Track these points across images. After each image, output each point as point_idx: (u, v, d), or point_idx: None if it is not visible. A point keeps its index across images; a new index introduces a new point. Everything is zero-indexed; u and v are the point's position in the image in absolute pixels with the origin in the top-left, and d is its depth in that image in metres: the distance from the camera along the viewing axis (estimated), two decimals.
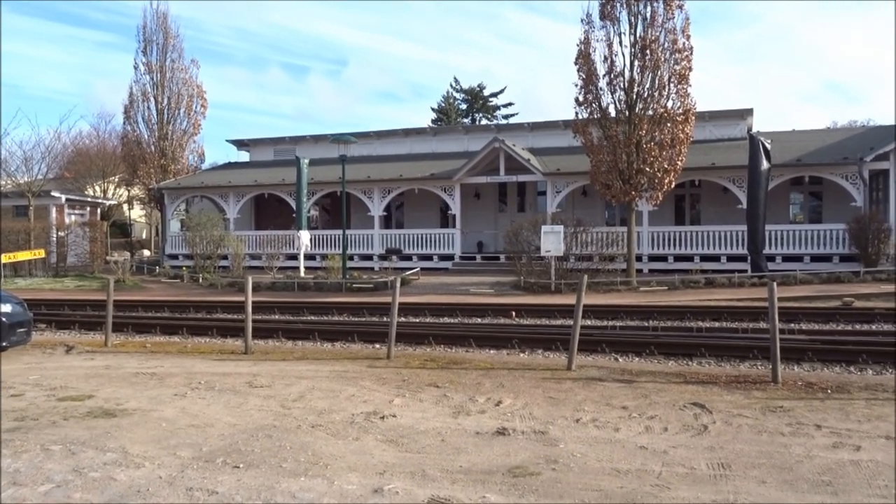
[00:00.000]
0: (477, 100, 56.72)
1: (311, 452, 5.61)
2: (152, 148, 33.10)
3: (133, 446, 5.78)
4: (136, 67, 33.36)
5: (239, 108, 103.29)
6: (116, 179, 43.09)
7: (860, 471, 5.04)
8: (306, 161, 26.34)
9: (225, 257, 27.15)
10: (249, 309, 11.02)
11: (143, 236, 46.65)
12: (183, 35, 34.27)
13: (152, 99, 33.23)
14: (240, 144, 36.07)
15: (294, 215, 27.14)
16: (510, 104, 57.19)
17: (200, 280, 24.62)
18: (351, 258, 26.52)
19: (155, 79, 33.23)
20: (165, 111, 33.28)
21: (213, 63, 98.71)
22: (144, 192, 35.81)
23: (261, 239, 29.26)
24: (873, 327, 13.03)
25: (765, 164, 21.06)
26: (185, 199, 32.99)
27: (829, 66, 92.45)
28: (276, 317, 16.12)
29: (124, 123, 33.97)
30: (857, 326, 13.17)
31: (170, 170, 33.08)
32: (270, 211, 32.13)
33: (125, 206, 45.56)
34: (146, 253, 39.47)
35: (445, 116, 55.04)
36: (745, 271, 21.04)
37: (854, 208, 22.58)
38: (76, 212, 34.72)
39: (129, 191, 42.67)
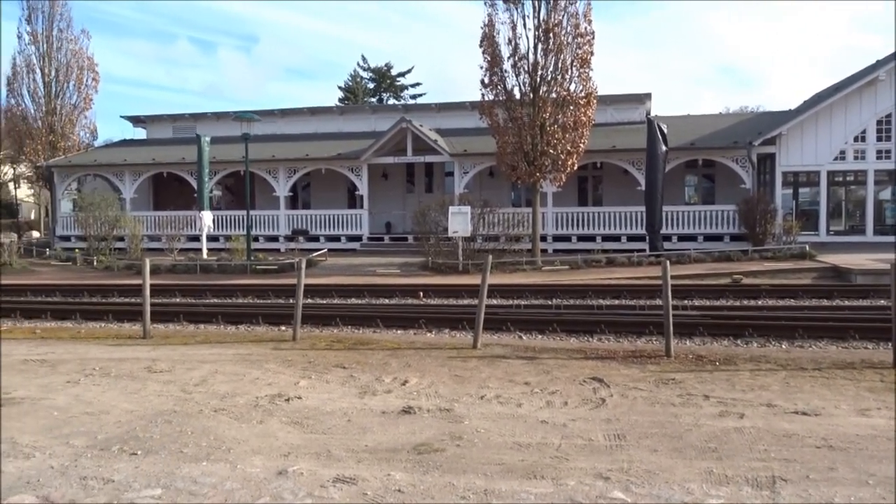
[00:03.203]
0: (384, 79, 56.27)
1: (213, 437, 5.50)
2: (39, 123, 31.26)
3: (22, 436, 5.51)
4: (19, 37, 31.39)
5: (144, 84, 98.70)
6: (1, 156, 40.48)
7: (743, 437, 5.38)
8: (207, 139, 25.48)
9: (121, 239, 26.04)
10: (147, 291, 10.63)
11: (32, 217, 44.11)
12: (73, 4, 32.51)
13: (38, 71, 31.33)
14: (136, 121, 34.50)
15: (195, 195, 26.25)
16: (418, 84, 57.15)
17: (95, 263, 23.51)
18: (256, 239, 25.94)
19: (41, 49, 31.31)
20: (53, 84, 31.46)
21: (113, 35, 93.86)
22: (32, 171, 33.83)
23: (160, 220, 28.14)
24: (759, 303, 13.84)
25: (662, 148, 21.90)
26: (76, 178, 31.29)
27: (723, 53, 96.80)
28: (177, 300, 15.60)
29: (7, 97, 31.97)
30: (745, 302, 13.96)
31: (59, 147, 31.33)
32: (170, 191, 30.95)
33: (11, 185, 42.90)
34: (35, 234, 37.35)
35: (352, 96, 54.36)
36: (644, 251, 21.89)
37: (743, 190, 23.86)
38: None
39: (14, 169, 40.21)
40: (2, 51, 74.98)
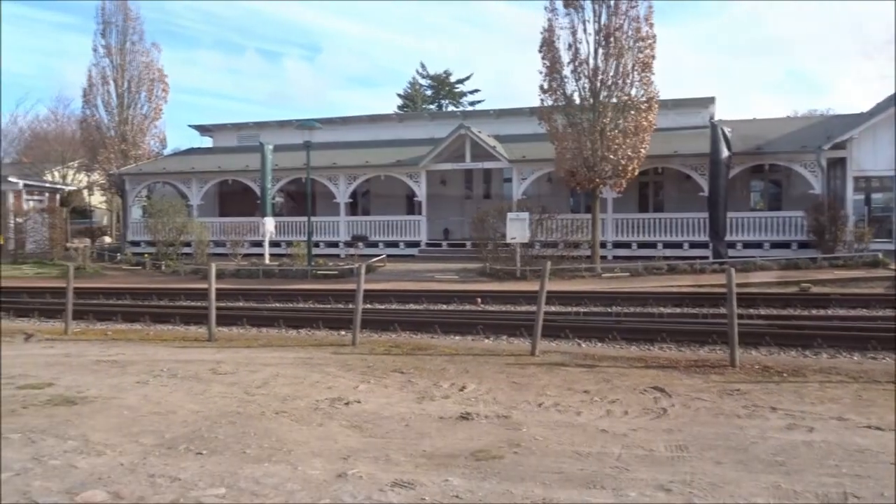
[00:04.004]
0: (443, 86, 56.52)
1: (274, 438, 5.61)
2: (112, 133, 32.43)
3: (94, 434, 5.72)
4: (94, 50, 32.61)
5: (211, 94, 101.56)
6: (76, 165, 42.18)
7: (812, 451, 5.20)
8: (270, 147, 26.04)
9: (188, 244, 26.80)
10: (213, 295, 10.92)
11: (104, 223, 45.77)
12: (144, 17, 33.60)
13: (112, 82, 32.51)
14: (202, 130, 35.54)
15: (258, 202, 26.84)
16: (476, 91, 57.14)
17: (163, 267, 24.29)
18: (317, 245, 26.35)
19: (114, 62, 32.51)
20: (125, 95, 32.61)
21: (182, 47, 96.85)
22: (105, 178, 35.11)
23: (225, 226, 28.90)
24: (829, 312, 13.35)
25: (725, 152, 21.40)
26: (146, 185, 32.39)
27: (791, 55, 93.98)
28: (241, 304, 15.98)
29: (83, 107, 33.24)
30: (814, 311, 13.48)
31: (131, 155, 32.47)
32: (234, 197, 31.73)
33: (85, 192, 44.63)
34: (107, 240, 38.75)
35: (411, 103, 54.77)
36: (707, 258, 21.39)
37: (812, 196, 23.06)
38: (34, 198, 33.87)
39: (88, 176, 41.80)
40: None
